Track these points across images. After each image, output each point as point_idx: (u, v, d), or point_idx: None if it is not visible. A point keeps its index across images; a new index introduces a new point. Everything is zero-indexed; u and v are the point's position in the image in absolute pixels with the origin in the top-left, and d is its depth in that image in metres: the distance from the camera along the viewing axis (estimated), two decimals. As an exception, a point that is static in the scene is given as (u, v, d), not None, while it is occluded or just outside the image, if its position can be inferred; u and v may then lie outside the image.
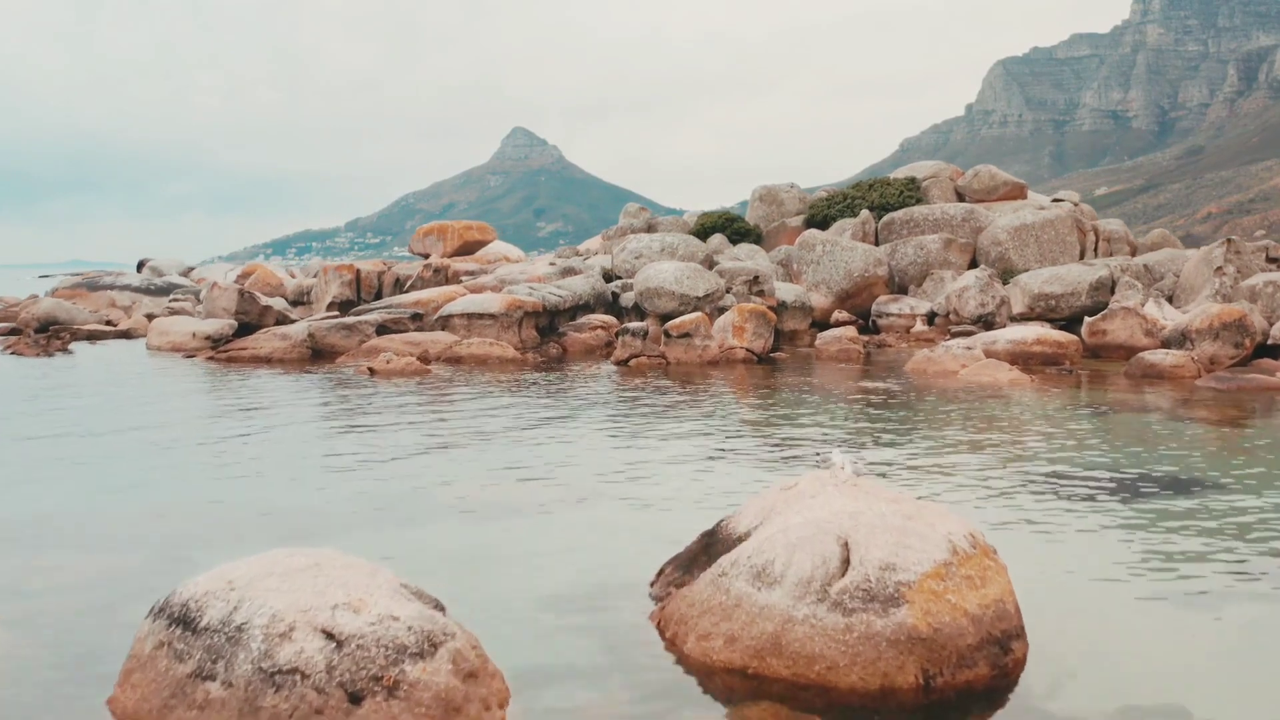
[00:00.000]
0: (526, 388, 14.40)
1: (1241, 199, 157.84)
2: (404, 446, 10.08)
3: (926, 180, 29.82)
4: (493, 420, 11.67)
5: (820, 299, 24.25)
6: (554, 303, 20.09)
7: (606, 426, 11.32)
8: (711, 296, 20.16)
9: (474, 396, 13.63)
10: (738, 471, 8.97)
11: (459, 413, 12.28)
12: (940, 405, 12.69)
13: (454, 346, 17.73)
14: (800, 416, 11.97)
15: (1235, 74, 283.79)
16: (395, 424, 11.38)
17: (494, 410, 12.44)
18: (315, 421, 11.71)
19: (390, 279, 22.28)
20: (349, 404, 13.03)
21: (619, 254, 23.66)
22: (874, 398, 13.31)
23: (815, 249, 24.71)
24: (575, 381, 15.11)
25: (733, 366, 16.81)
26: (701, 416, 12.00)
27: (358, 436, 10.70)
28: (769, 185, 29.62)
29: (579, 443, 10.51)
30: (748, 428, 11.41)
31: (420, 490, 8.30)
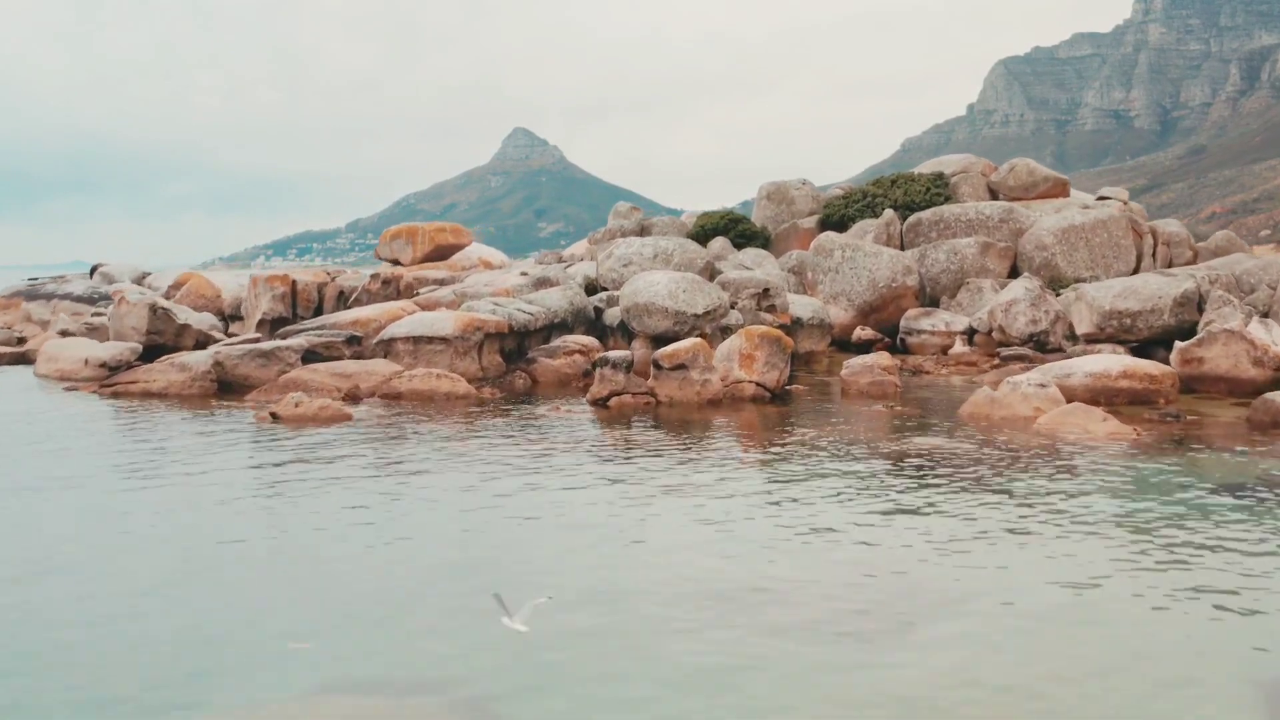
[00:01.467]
0: (468, 444, 10.76)
1: (1245, 198, 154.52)
2: (228, 581, 6.44)
3: (955, 176, 26.11)
4: (389, 511, 8.05)
5: (840, 313, 20.55)
6: (522, 321, 16.44)
7: (557, 530, 7.71)
8: (713, 314, 16.49)
9: (385, 467, 9.99)
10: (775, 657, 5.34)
11: (352, 497, 8.64)
12: (1031, 482, 9.04)
13: (393, 379, 14.09)
14: (847, 506, 8.33)
15: (1237, 73, 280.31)
16: (243, 524, 7.76)
17: (397, 493, 8.82)
18: (120, 513, 8.08)
19: (333, 292, 18.63)
20: (205, 481, 9.40)
21: (604, 261, 20.01)
22: (936, 467, 9.66)
23: (833, 255, 21.02)
24: (534, 434, 11.47)
25: (739, 407, 13.17)
26: (699, 519, 8.36)
27: (180, 549, 7.09)
28: (778, 182, 25.94)
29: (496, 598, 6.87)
30: (770, 538, 7.76)
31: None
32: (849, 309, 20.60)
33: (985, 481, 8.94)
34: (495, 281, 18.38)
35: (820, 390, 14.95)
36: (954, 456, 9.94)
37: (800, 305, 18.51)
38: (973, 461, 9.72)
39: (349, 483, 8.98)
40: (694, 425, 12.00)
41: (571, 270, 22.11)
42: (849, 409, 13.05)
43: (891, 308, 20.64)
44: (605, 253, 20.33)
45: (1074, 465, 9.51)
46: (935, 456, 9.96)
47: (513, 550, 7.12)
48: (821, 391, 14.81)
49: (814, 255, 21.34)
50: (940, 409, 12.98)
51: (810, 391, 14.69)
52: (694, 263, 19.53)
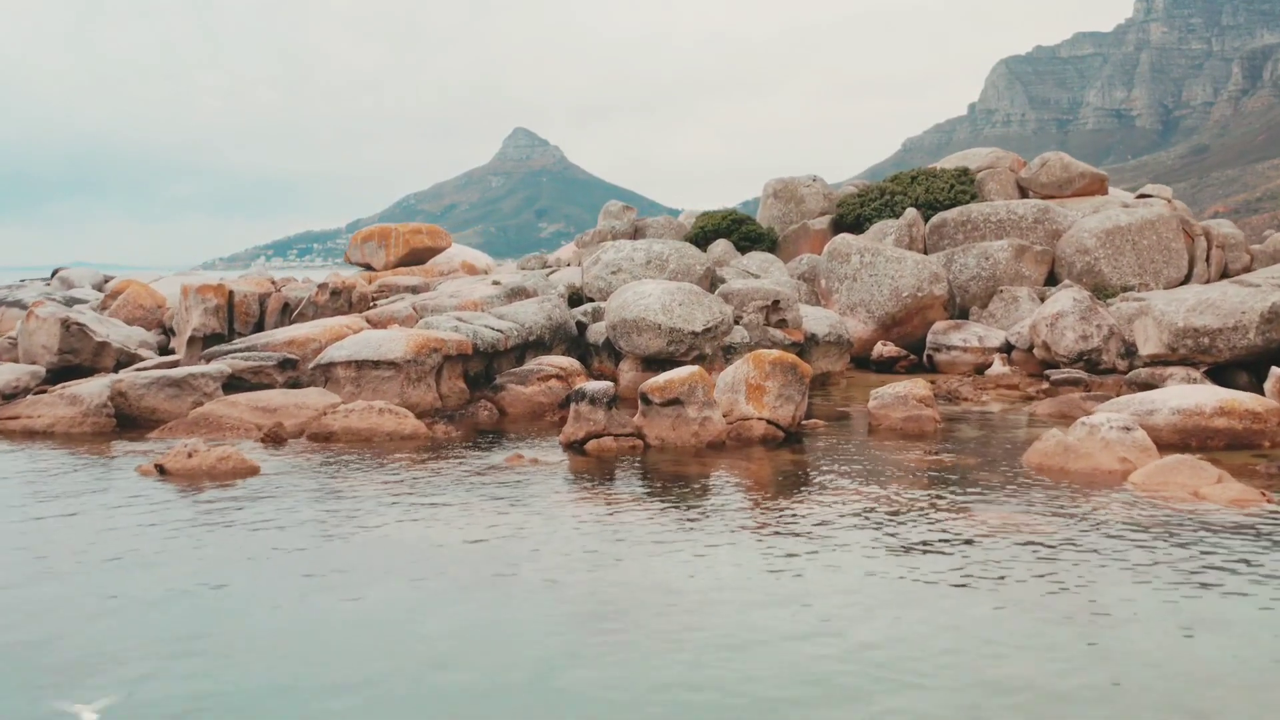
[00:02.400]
0: (387, 520, 8.16)
1: (1249, 198, 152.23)
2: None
3: (981, 171, 23.51)
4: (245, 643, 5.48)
5: (857, 326, 17.96)
6: (490, 341, 13.84)
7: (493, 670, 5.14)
8: (714, 331, 13.90)
9: (266, 559, 7.40)
10: None
11: (193, 620, 6.06)
12: (1158, 591, 6.45)
13: (325, 415, 11.49)
14: (907, 627, 5.74)
15: (1239, 72, 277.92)
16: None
17: (280, 595, 6.24)
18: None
19: (277, 304, 16.02)
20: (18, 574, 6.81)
21: (590, 267, 17.40)
22: (1016, 564, 7.06)
23: (850, 260, 18.42)
24: (483, 498, 8.86)
25: (747, 453, 10.57)
26: (691, 661, 5.77)
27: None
28: (785, 178, 23.33)
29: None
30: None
31: None
32: (868, 321, 18.00)
33: (1100, 589, 6.34)
34: (462, 292, 15.77)
35: (843, 427, 12.33)
36: (1039, 543, 7.34)
37: (815, 319, 15.91)
38: (1067, 547, 7.12)
39: (195, 599, 6.41)
40: (690, 482, 9.40)
41: (555, 277, 19.52)
42: (882, 454, 10.44)
43: (917, 320, 18.04)
44: (591, 258, 17.72)
45: (1206, 553, 6.91)
46: (1013, 538, 7.36)
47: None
48: (845, 428, 12.19)
49: (828, 260, 18.73)
50: (997, 455, 10.36)
51: (831, 429, 12.07)
52: (692, 270, 16.93)
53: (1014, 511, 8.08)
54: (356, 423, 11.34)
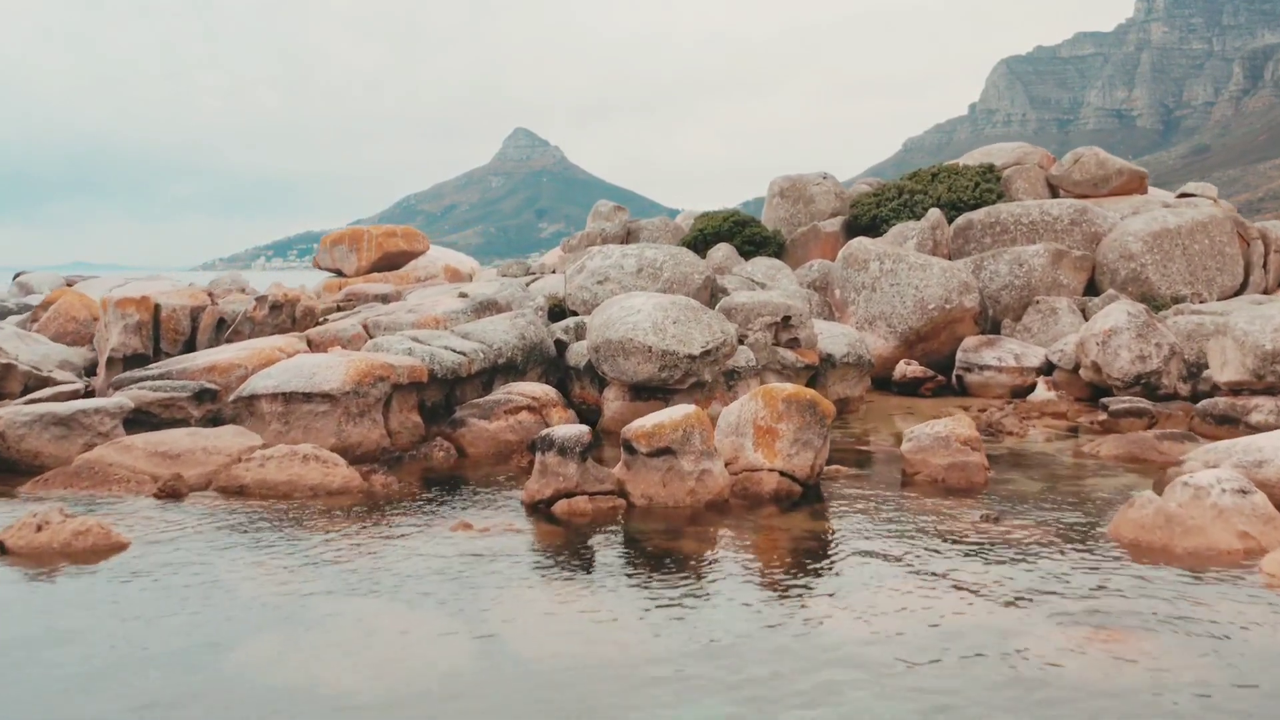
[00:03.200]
0: (288, 621, 5.98)
1: (1250, 198, 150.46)
2: None
3: (1008, 169, 21.30)
4: None
5: (877, 342, 15.75)
6: (450, 365, 11.62)
7: None
8: (715, 354, 11.70)
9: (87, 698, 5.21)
10: None
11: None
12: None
13: (237, 463, 9.28)
14: None
15: (1240, 72, 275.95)
16: None
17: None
18: None
19: (211, 320, 13.80)
20: None
21: (573, 276, 15.18)
22: (1132, 704, 4.89)
23: (868, 267, 16.21)
24: (411, 590, 6.68)
25: (756, 516, 8.37)
26: None
27: None
28: (793, 176, 21.10)
29: None
30: None
31: None
32: (889, 337, 15.79)
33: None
34: (424, 306, 13.55)
35: (870, 475, 10.09)
36: (1168, 687, 5.14)
37: (831, 337, 13.69)
38: (1203, 693, 4.94)
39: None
40: (683, 562, 7.20)
41: (536, 286, 17.32)
42: (925, 521, 8.22)
43: (944, 335, 15.84)
44: (575, 265, 15.50)
45: None
46: (1124, 676, 5.17)
47: None
48: (873, 477, 9.95)
49: (843, 267, 16.51)
50: (1072, 521, 8.14)
51: (857, 478, 9.83)
52: (690, 279, 14.71)
53: (1117, 624, 5.87)
54: (273, 474, 9.13)
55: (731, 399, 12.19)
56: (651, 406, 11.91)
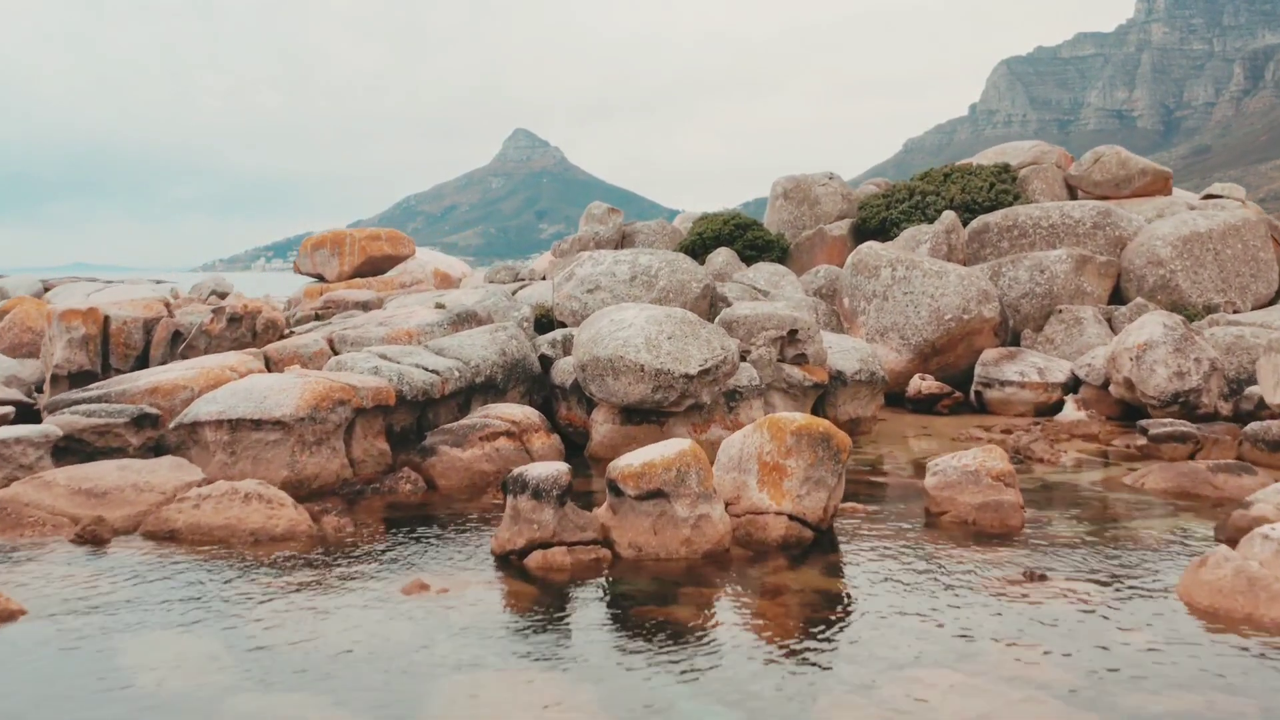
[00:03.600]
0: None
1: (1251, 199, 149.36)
2: None
3: (1024, 169, 20.13)
4: None
5: (890, 355, 14.59)
6: (422, 385, 10.44)
7: None
8: (714, 372, 10.53)
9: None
10: None
11: None
12: None
13: (171, 503, 8.12)
14: None
15: (1241, 73, 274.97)
16: None
17: None
18: None
19: (165, 333, 12.62)
20: None
21: (561, 284, 14.01)
22: None
23: (880, 274, 15.04)
24: (345, 681, 5.54)
25: (761, 571, 7.20)
26: None
27: None
28: (797, 176, 19.92)
29: None
30: None
31: None
32: (902, 350, 14.61)
33: None
34: (396, 319, 12.37)
35: (890, 513, 8.91)
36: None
37: (842, 352, 12.50)
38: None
39: None
40: (677, 635, 6.04)
41: (524, 294, 16.15)
42: (957, 575, 7.06)
43: (961, 348, 14.67)
44: (564, 272, 14.32)
45: None
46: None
47: None
48: (893, 517, 8.77)
49: (852, 274, 15.33)
50: (1130, 575, 6.97)
51: (875, 518, 8.65)
52: (687, 288, 13.53)
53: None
54: (210, 516, 7.95)
55: (733, 422, 11.04)
56: (644, 431, 10.75)
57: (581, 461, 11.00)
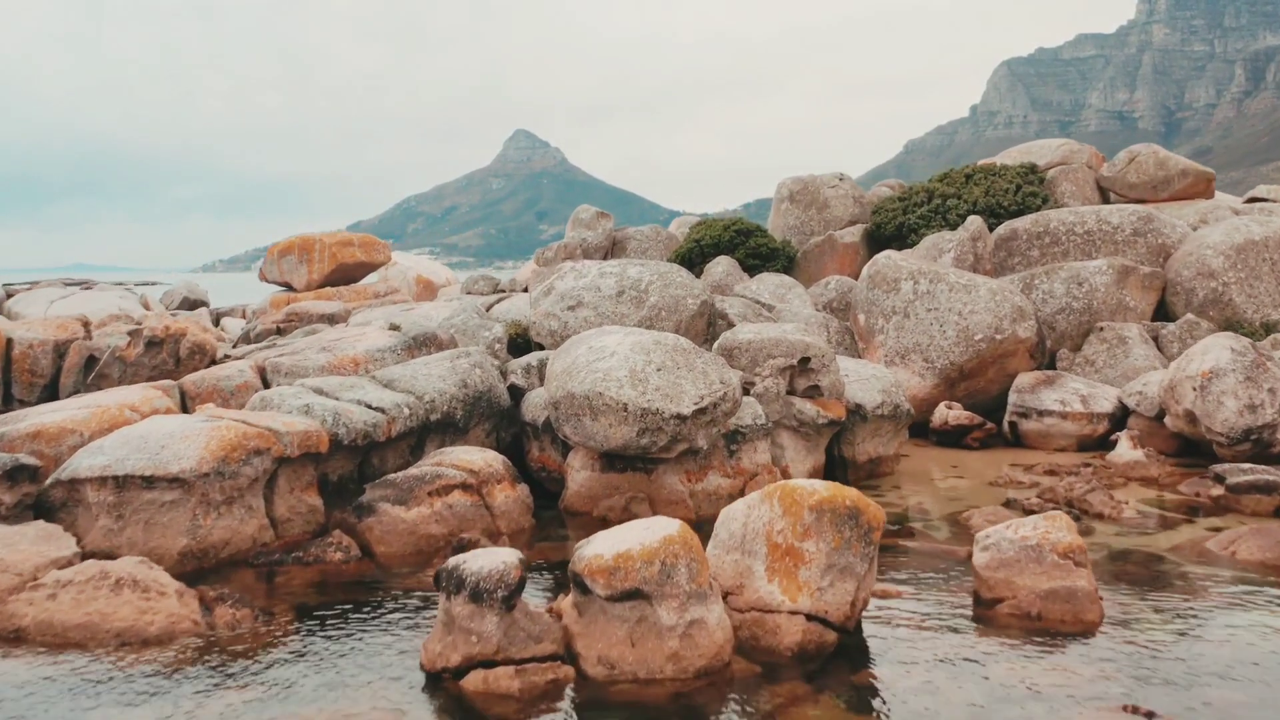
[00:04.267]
0: None
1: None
2: None
3: (1052, 169, 18.37)
4: None
5: (912, 380, 12.83)
6: (362, 427, 8.67)
7: None
8: (712, 411, 8.76)
9: None
10: None
11: None
12: None
13: (25, 590, 6.38)
14: None
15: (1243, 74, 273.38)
16: None
17: None
18: None
19: (78, 358, 10.85)
20: None
21: (539, 300, 12.24)
22: None
23: (899, 288, 13.27)
24: None
25: (770, 698, 5.45)
26: None
27: None
28: (804, 177, 18.14)
29: None
30: None
31: None
32: (926, 374, 12.85)
33: None
34: (342, 343, 10.57)
35: (929, 599, 7.14)
36: None
37: (862, 383, 10.73)
38: None
39: None
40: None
41: (501, 309, 14.40)
42: (1027, 698, 5.32)
43: (993, 371, 12.91)
44: (543, 286, 12.55)
45: None
46: None
47: None
48: (933, 604, 7.00)
49: (869, 288, 13.56)
50: (1251, 708, 5.24)
51: (911, 609, 6.89)
52: (682, 304, 11.76)
53: None
54: (66, 610, 6.20)
55: (734, 468, 9.29)
56: (629, 480, 9.00)
57: (555, 515, 9.25)
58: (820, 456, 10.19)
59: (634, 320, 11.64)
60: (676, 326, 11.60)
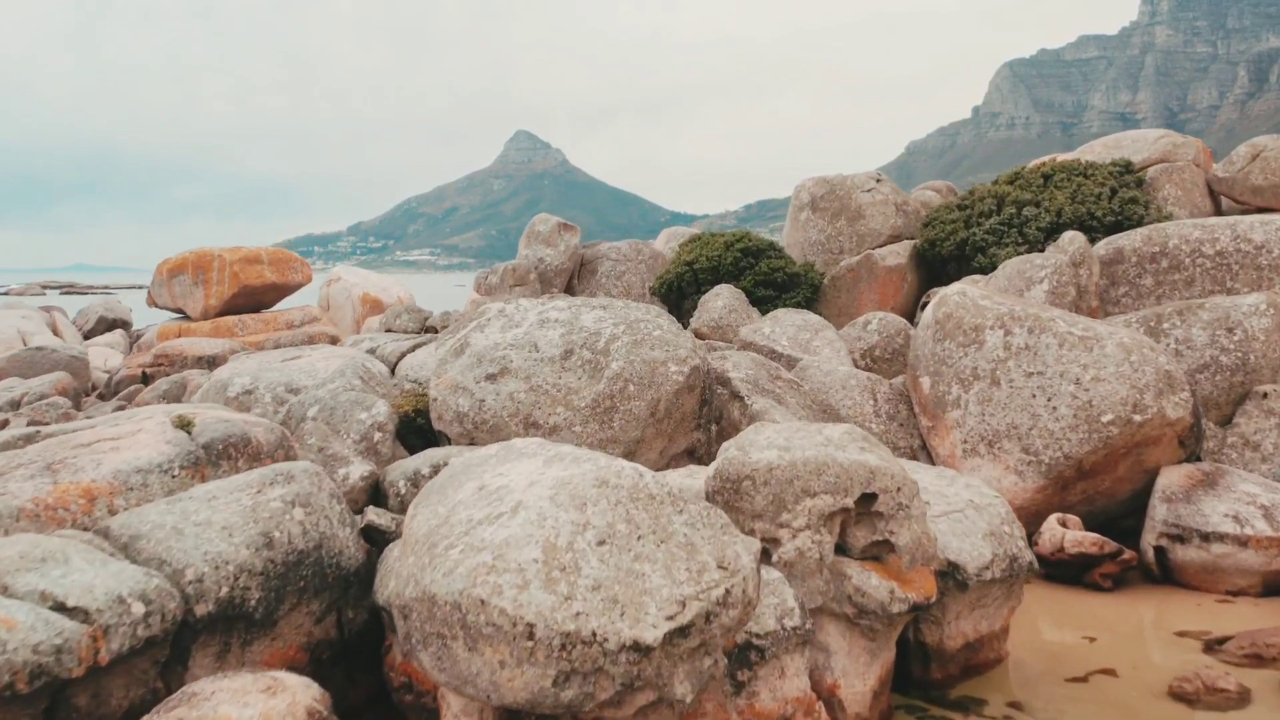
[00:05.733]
0: None
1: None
2: None
3: (1153, 168, 14.07)
4: None
5: (1007, 480, 8.51)
6: (28, 660, 4.39)
7: None
8: (701, 629, 4.41)
9: None
10: None
11: None
12: None
13: None
14: None
15: (1246, 75, 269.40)
16: None
17: None
18: None
19: None
20: None
21: (448, 363, 7.97)
22: None
23: (984, 340, 8.96)
24: None
25: None
26: None
27: None
28: (831, 178, 13.82)
29: None
30: None
31: None
32: (1026, 471, 8.54)
33: None
34: (80, 459, 6.23)
35: None
36: None
37: (950, 513, 6.41)
38: None
39: None
40: None
41: (413, 363, 10.08)
42: None
43: (1124, 466, 8.60)
44: (455, 340, 8.27)
45: None
46: None
47: None
48: None
49: (936, 339, 9.25)
50: None
51: None
52: (661, 374, 7.47)
53: None
54: None
55: (746, 708, 5.01)
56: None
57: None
58: (889, 654, 5.90)
59: (586, 398, 7.39)
60: (652, 409, 7.34)
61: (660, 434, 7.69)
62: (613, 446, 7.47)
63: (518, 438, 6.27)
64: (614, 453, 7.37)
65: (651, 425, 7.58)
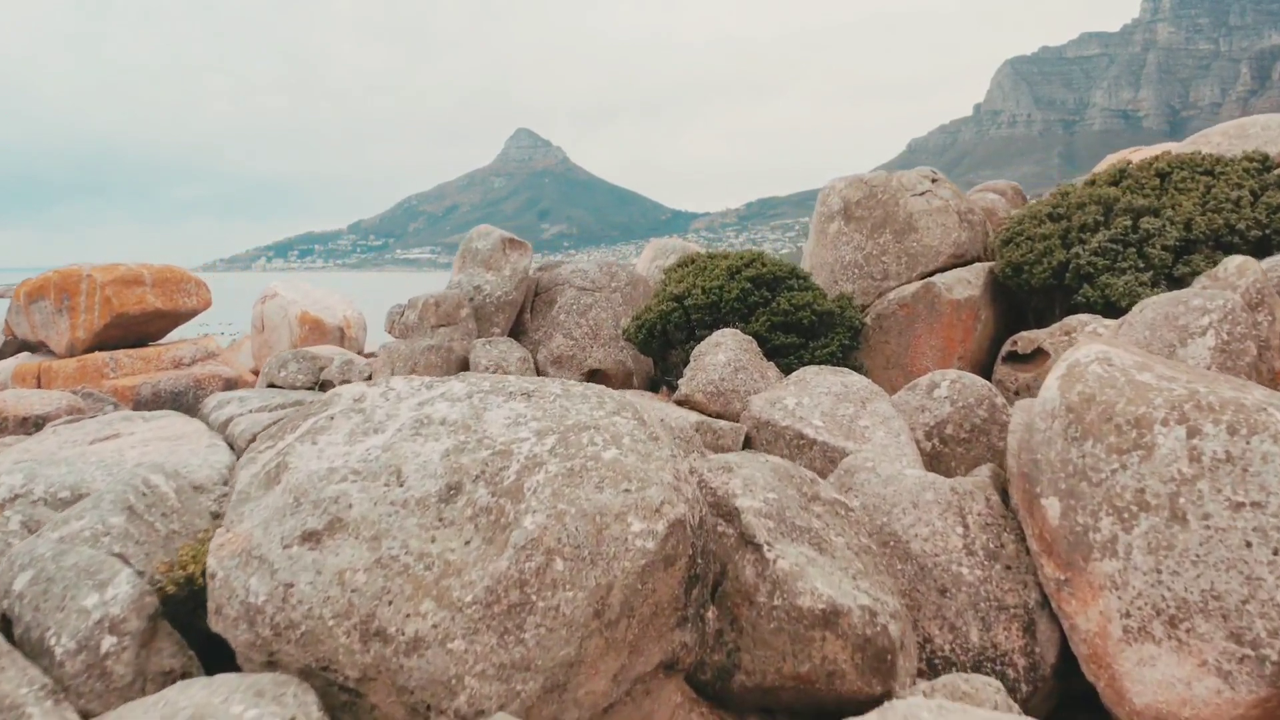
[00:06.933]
0: None
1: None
2: None
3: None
4: None
5: (1202, 685, 4.94)
6: None
7: None
8: None
9: None
10: None
11: None
12: None
13: None
14: None
15: (1248, 72, 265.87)
16: None
17: None
18: None
19: None
20: None
21: (241, 513, 4.55)
22: None
23: (1153, 444, 5.41)
24: None
25: None
26: None
27: None
28: (868, 178, 10.31)
29: None
30: None
31: None
32: (1238, 674, 4.96)
33: None
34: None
35: None
36: None
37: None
38: None
39: None
40: None
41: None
42: None
43: (1397, 661, 4.98)
44: (266, 461, 4.87)
45: None
46: None
47: None
48: None
49: (1067, 437, 5.71)
50: None
51: None
52: (611, 547, 4.03)
53: None
54: None
55: None
56: None
57: None
58: None
59: (479, 585, 3.95)
60: (597, 605, 3.87)
61: (613, 647, 4.10)
62: (524, 677, 3.97)
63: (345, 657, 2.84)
64: (527, 689, 3.90)
65: (597, 634, 4.01)
